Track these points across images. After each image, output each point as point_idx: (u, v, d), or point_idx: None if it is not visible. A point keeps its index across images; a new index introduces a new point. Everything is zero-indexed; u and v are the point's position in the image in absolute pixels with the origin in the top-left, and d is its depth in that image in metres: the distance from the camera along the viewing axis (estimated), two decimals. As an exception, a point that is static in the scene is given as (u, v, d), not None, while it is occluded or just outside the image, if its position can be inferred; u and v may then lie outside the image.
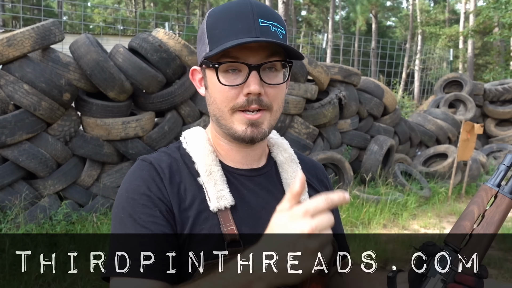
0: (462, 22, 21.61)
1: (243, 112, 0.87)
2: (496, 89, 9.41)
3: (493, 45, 21.56)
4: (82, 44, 4.19)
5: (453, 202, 6.06)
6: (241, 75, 0.86)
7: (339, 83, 6.22)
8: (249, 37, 0.82)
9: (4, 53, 3.81)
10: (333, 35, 21.27)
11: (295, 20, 26.61)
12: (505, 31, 14.89)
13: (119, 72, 4.22)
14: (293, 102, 5.46)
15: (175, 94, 4.61)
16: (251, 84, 0.84)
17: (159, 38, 4.60)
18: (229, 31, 0.84)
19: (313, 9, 31.79)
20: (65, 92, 4.04)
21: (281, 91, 0.90)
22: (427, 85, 14.49)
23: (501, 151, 8.58)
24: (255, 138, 0.88)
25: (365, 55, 18.59)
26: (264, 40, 0.82)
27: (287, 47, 0.85)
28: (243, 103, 0.86)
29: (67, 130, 4.20)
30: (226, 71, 0.86)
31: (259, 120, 0.88)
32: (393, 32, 34.11)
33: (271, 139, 1.04)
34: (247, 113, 0.87)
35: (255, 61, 0.85)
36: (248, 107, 0.86)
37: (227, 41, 0.83)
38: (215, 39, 0.85)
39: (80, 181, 4.32)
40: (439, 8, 27.76)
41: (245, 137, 0.88)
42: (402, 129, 6.97)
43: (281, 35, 0.87)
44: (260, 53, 0.85)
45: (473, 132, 5.95)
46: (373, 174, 6.04)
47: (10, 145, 3.85)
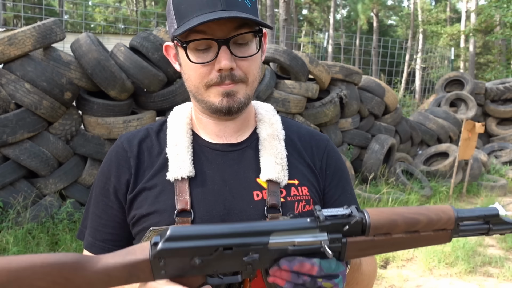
0: (464, 21, 21.57)
1: (217, 86, 0.87)
2: (498, 88, 9.39)
3: (494, 44, 21.52)
4: (83, 43, 4.20)
5: (454, 201, 6.06)
6: (211, 51, 0.85)
7: (340, 82, 6.21)
8: (214, 10, 0.81)
9: (6, 52, 3.81)
10: (334, 34, 21.26)
11: (296, 19, 26.59)
12: (506, 30, 14.86)
13: (120, 71, 4.22)
14: (294, 101, 5.45)
15: (176, 93, 4.61)
16: (221, 60, 0.83)
17: (160, 37, 4.60)
18: (194, 6, 0.82)
19: (314, 8, 31.76)
20: (66, 91, 4.05)
21: (255, 61, 0.89)
22: (428, 84, 14.47)
23: (502, 150, 8.57)
24: (231, 108, 0.88)
25: (366, 54, 18.57)
26: (227, 17, 0.79)
27: (251, 19, 0.81)
28: (217, 79, 0.86)
29: (68, 129, 4.21)
30: (196, 49, 0.85)
31: (234, 90, 0.87)
32: (394, 31, 34.07)
33: (260, 115, 1.01)
34: (221, 86, 0.87)
35: (223, 35, 0.83)
36: (222, 83, 0.86)
37: (193, 17, 0.81)
38: (181, 15, 0.83)
39: (81, 180, 4.33)
40: (440, 7, 27.70)
41: (222, 107, 0.88)
42: (403, 128, 6.97)
43: (250, 3, 0.85)
44: (228, 26, 0.83)
45: (474, 131, 5.94)
46: (374, 173, 6.04)
47: (12, 144, 3.85)
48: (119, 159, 0.94)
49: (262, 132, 0.97)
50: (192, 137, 0.96)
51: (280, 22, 11.00)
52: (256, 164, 0.94)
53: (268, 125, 0.98)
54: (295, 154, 0.97)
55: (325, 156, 1.00)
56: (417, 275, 3.74)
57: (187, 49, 0.85)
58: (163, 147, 0.95)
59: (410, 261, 4.04)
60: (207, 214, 0.88)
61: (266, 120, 0.99)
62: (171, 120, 0.98)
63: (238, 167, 0.93)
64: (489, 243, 4.62)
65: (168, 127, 0.97)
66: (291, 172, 0.94)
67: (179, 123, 0.97)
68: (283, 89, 5.55)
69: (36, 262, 0.65)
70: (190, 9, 0.82)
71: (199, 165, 0.92)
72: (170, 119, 0.99)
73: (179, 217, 0.87)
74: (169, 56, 0.96)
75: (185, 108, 1.01)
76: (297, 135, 1.01)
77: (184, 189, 0.89)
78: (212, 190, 0.90)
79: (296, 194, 0.92)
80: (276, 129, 0.98)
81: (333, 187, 0.98)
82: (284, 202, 0.90)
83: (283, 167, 0.93)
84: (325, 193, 0.98)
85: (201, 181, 0.90)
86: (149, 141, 0.96)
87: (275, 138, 0.96)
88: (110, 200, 0.93)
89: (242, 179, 0.92)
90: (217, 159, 0.93)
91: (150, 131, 0.98)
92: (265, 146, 0.95)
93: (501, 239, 4.68)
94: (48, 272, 0.65)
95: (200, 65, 0.85)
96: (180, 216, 0.87)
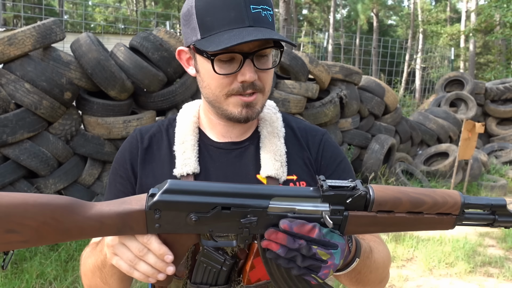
0: (464, 21, 21.56)
1: (238, 95, 0.89)
2: (498, 88, 9.39)
3: (494, 44, 21.51)
4: (83, 43, 4.19)
5: (454, 201, 6.05)
6: (234, 62, 0.86)
7: (340, 82, 6.21)
8: (242, 26, 0.83)
9: (5, 52, 3.81)
10: (334, 33, 21.26)
11: (296, 18, 26.58)
12: (506, 30, 14.84)
13: (120, 71, 4.22)
14: (294, 101, 5.45)
15: (176, 93, 4.61)
16: (246, 73, 0.86)
17: (160, 37, 4.60)
18: (221, 20, 0.83)
19: (314, 8, 31.75)
20: (66, 91, 4.05)
21: (272, 73, 0.93)
22: (428, 84, 14.47)
23: (502, 150, 8.57)
24: (249, 118, 0.92)
25: (366, 53, 18.56)
26: (262, 39, 0.81)
27: (281, 39, 0.85)
28: (239, 89, 0.88)
29: (68, 129, 4.21)
30: (219, 59, 0.87)
31: (254, 102, 0.90)
32: (394, 31, 34.06)
33: (262, 113, 1.05)
34: (242, 96, 0.89)
35: (248, 49, 0.85)
36: (243, 92, 0.89)
37: (220, 31, 0.83)
38: (207, 27, 0.85)
39: (81, 180, 4.33)
40: (440, 7, 27.69)
41: (240, 118, 0.91)
42: (403, 128, 6.96)
43: (270, 17, 0.88)
44: (254, 42, 0.84)
45: (474, 131, 5.94)
46: (374, 173, 6.04)
47: (11, 144, 3.85)
48: (132, 147, 1.01)
49: (263, 131, 1.01)
50: (198, 136, 1.00)
51: (280, 22, 11.00)
52: (256, 161, 0.97)
53: (269, 123, 1.02)
54: (295, 149, 1.01)
55: (321, 149, 1.03)
56: (417, 275, 3.74)
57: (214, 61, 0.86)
58: (172, 144, 0.99)
59: (410, 261, 4.04)
60: None
61: (267, 119, 1.03)
62: (179, 118, 1.03)
63: (240, 165, 0.97)
64: (489, 243, 4.62)
65: (177, 124, 1.02)
66: (291, 167, 0.97)
67: (186, 121, 1.01)
68: (283, 89, 5.55)
69: (29, 201, 0.63)
70: (217, 23, 0.84)
71: (203, 163, 0.97)
72: (179, 117, 1.04)
73: None
74: (182, 60, 0.98)
75: (193, 106, 1.05)
76: (297, 130, 1.04)
77: None
78: None
79: None
80: (277, 127, 1.01)
81: (328, 176, 1.00)
82: None
83: (282, 163, 0.96)
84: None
85: (205, 178, 0.95)
86: (159, 136, 1.02)
87: (275, 136, 1.00)
88: (123, 186, 0.99)
89: (243, 175, 0.96)
90: (220, 157, 0.98)
91: (161, 127, 1.03)
92: (265, 143, 0.99)
93: (501, 239, 4.68)
94: (39, 212, 0.63)
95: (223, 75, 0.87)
96: None
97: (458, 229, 4.97)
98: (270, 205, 0.71)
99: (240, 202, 0.70)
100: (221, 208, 0.70)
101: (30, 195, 0.65)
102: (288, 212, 0.71)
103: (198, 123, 1.02)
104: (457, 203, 0.75)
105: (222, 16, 0.83)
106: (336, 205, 0.72)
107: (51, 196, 0.66)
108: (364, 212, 0.73)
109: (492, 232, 4.91)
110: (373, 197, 0.72)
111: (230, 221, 0.71)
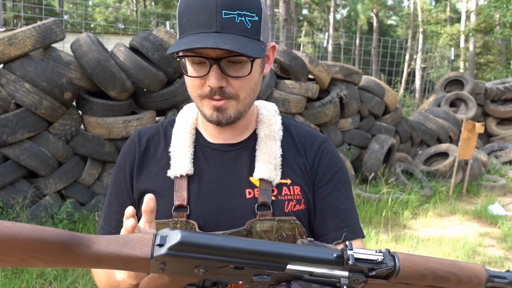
0: (464, 21, 21.56)
1: (209, 99, 0.89)
2: (497, 88, 9.39)
3: (494, 44, 21.52)
4: (83, 43, 4.20)
5: (454, 201, 6.06)
6: (205, 66, 0.86)
7: (340, 82, 6.21)
8: (208, 31, 0.82)
9: (5, 52, 3.81)
10: (334, 33, 21.26)
11: (296, 19, 26.58)
12: (506, 30, 14.85)
13: (120, 71, 4.22)
14: (294, 101, 5.46)
15: (176, 93, 4.61)
16: (210, 79, 0.85)
17: (160, 37, 4.60)
18: (192, 23, 0.83)
19: (314, 8, 31.75)
20: (66, 91, 4.05)
21: (249, 80, 0.89)
22: (428, 84, 14.48)
23: (502, 150, 8.57)
24: (220, 121, 0.91)
25: (366, 54, 18.57)
26: (210, 48, 0.78)
27: (230, 50, 0.79)
28: (208, 92, 0.88)
29: (68, 129, 4.21)
30: (192, 61, 0.87)
31: (224, 107, 0.89)
32: (394, 31, 34.07)
33: (260, 115, 1.04)
34: (211, 99, 0.89)
35: (216, 55, 0.84)
36: (212, 97, 0.88)
37: (189, 33, 0.84)
38: (182, 29, 0.86)
39: (81, 180, 4.33)
40: (440, 7, 27.69)
41: (212, 120, 0.92)
42: (403, 128, 6.97)
43: (250, 23, 0.84)
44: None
45: (474, 131, 5.94)
46: (374, 173, 6.04)
47: (12, 144, 3.86)
48: (130, 150, 1.02)
49: (261, 133, 1.00)
50: (194, 137, 1.01)
51: (280, 22, 11.00)
52: (251, 163, 0.97)
53: (267, 125, 1.01)
54: (291, 154, 1.00)
55: (318, 156, 1.01)
56: (417, 275, 3.73)
57: (186, 62, 0.89)
58: (168, 145, 1.00)
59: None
60: (201, 211, 0.93)
61: (265, 121, 1.02)
62: (179, 119, 1.04)
63: (234, 166, 0.97)
64: (489, 243, 4.62)
65: (175, 125, 1.03)
66: (285, 171, 0.97)
67: (185, 122, 1.02)
68: (283, 89, 5.55)
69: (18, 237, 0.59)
70: (189, 25, 0.84)
71: (198, 164, 0.97)
72: (178, 118, 1.05)
73: (176, 211, 0.92)
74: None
75: (193, 107, 1.05)
76: (296, 135, 1.03)
77: (182, 186, 0.94)
78: (208, 188, 0.95)
79: (287, 194, 0.95)
80: (274, 129, 1.01)
81: (323, 184, 0.99)
82: (274, 201, 0.94)
83: (275, 166, 0.96)
84: (315, 190, 0.99)
85: (198, 179, 0.96)
86: (157, 137, 1.03)
87: (271, 139, 0.99)
88: (120, 189, 1.01)
89: (236, 177, 0.96)
90: (215, 158, 0.98)
91: (160, 128, 1.04)
92: (261, 146, 0.99)
93: (501, 239, 4.68)
94: (30, 248, 0.60)
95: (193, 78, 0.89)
96: (177, 211, 0.92)
97: (458, 229, 4.97)
98: (288, 268, 0.68)
99: (256, 263, 0.66)
100: (234, 267, 0.66)
101: (21, 228, 0.59)
102: (304, 274, 0.68)
103: (196, 124, 1.02)
104: (481, 283, 0.73)
105: (193, 19, 0.83)
106: (357, 273, 0.69)
107: (46, 231, 0.61)
108: (384, 281, 0.71)
109: (492, 232, 4.92)
110: (397, 270, 0.69)
111: (241, 275, 0.68)
